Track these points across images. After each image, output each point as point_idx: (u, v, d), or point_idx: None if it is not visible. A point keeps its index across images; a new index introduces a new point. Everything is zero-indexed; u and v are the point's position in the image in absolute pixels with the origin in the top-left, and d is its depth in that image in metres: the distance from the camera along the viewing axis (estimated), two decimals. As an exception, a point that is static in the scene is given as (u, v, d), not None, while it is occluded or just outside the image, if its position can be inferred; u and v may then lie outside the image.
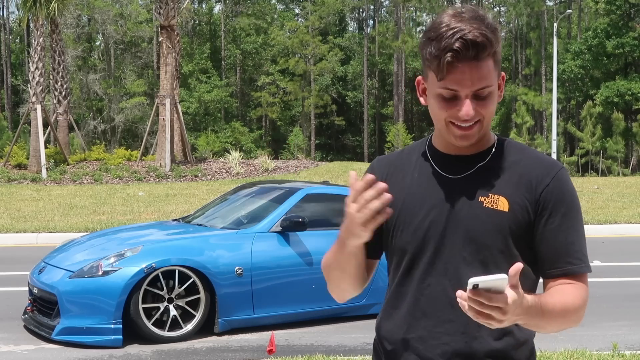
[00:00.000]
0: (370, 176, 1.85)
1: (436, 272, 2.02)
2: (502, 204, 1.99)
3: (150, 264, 6.87)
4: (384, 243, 2.13)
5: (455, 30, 1.88)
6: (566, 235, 2.00)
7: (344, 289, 2.14)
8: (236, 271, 7.18)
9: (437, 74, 1.92)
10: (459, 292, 1.75)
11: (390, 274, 2.14)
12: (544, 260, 2.02)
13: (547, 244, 2.00)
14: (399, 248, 2.08)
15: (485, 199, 1.99)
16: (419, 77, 2.05)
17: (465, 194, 2.01)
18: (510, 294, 1.72)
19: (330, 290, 2.19)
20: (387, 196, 1.84)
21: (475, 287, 1.69)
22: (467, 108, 1.93)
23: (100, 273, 6.87)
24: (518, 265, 1.71)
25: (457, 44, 1.87)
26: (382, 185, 1.84)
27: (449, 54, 1.88)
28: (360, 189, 1.83)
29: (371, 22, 65.90)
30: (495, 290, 1.70)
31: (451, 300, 1.96)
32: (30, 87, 27.02)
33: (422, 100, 2.06)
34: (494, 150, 2.06)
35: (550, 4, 59.34)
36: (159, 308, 6.98)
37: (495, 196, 1.99)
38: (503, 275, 1.70)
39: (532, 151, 2.09)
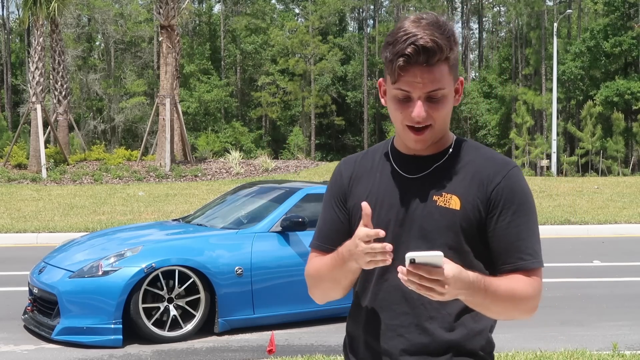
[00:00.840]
0: (381, 232, 1.94)
1: (393, 268, 2.08)
2: (455, 203, 2.07)
3: (150, 264, 6.87)
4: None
5: (410, 35, 1.99)
6: (517, 232, 2.07)
7: (330, 296, 2.25)
8: (236, 271, 7.18)
9: (391, 76, 2.04)
10: (400, 267, 1.85)
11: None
12: (496, 256, 2.09)
13: (498, 241, 2.08)
14: None
15: (438, 198, 2.09)
16: (380, 80, 2.16)
17: (421, 193, 2.11)
18: (449, 268, 1.83)
19: (312, 294, 2.29)
20: (389, 250, 1.93)
21: (413, 261, 1.80)
22: (418, 109, 2.02)
23: (100, 273, 6.87)
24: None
25: (408, 49, 1.98)
26: (389, 246, 1.93)
27: (401, 59, 1.99)
28: (372, 234, 1.93)
29: (371, 22, 65.92)
30: (433, 265, 1.81)
31: (405, 294, 2.08)
32: (30, 87, 27.02)
33: (382, 101, 2.16)
34: (451, 150, 2.15)
35: (550, 4, 59.33)
36: (159, 308, 6.98)
37: (448, 195, 2.08)
38: (439, 252, 1.81)
39: (487, 151, 2.17)
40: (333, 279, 2.16)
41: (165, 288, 6.98)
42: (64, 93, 29.83)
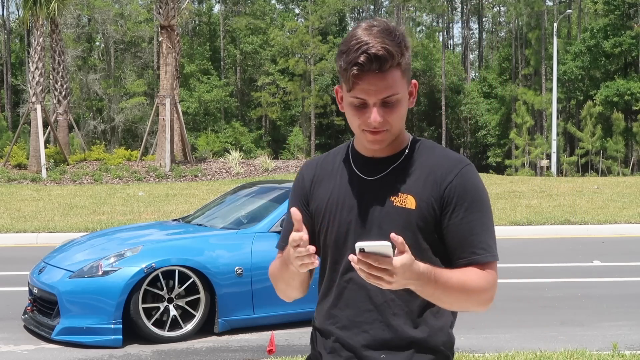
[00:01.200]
0: (304, 236, 2.00)
1: None
2: (410, 202, 2.15)
3: (150, 264, 6.87)
4: (315, 242, 2.27)
5: (362, 44, 2.05)
6: (470, 228, 2.14)
7: (290, 296, 2.35)
8: (236, 271, 7.18)
9: (347, 85, 2.11)
10: (351, 256, 1.91)
11: (321, 269, 2.32)
12: (451, 252, 2.17)
13: (452, 237, 2.16)
14: (325, 246, 2.27)
15: (395, 198, 2.16)
16: (337, 86, 2.23)
17: (379, 194, 2.19)
18: (398, 258, 1.89)
19: (278, 294, 2.38)
20: (313, 252, 2.01)
21: (362, 250, 1.86)
22: (374, 115, 2.09)
23: (100, 273, 6.87)
24: (398, 237, 1.89)
25: (361, 58, 2.04)
26: (312, 248, 2.01)
27: (354, 68, 2.05)
28: (297, 238, 2.01)
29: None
30: (382, 254, 1.87)
31: (369, 291, 2.17)
32: (30, 87, 27.02)
33: (340, 107, 2.23)
34: (407, 151, 2.23)
35: (550, 4, 59.33)
36: (159, 308, 6.97)
37: (404, 195, 2.16)
38: (387, 242, 1.87)
39: (441, 150, 2.25)
40: (282, 279, 2.26)
41: (165, 288, 6.98)
42: (64, 93, 29.83)
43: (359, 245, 1.87)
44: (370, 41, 2.04)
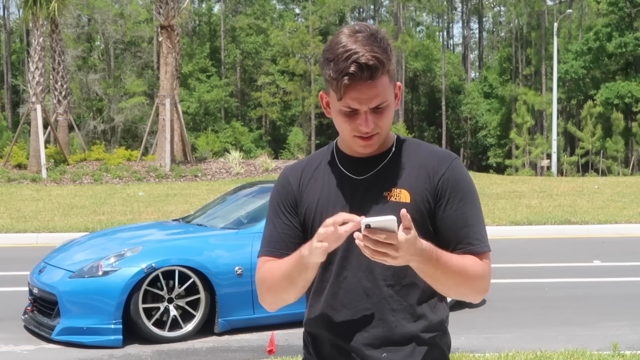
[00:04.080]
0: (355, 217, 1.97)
1: (350, 266, 2.19)
2: (404, 196, 2.17)
3: (150, 264, 6.87)
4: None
5: (350, 52, 2.05)
6: (465, 219, 2.18)
7: (285, 299, 2.26)
8: (236, 271, 7.17)
9: (337, 94, 2.10)
10: (356, 234, 1.91)
11: None
12: (446, 243, 2.17)
13: (447, 228, 2.18)
14: None
15: (388, 194, 2.18)
16: (322, 92, 2.23)
17: (371, 192, 2.20)
18: (403, 233, 1.90)
19: (263, 300, 2.29)
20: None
21: (368, 226, 1.88)
22: (366, 122, 2.11)
23: (100, 273, 6.86)
24: (404, 211, 1.90)
25: (352, 68, 2.04)
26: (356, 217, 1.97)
27: (345, 78, 2.05)
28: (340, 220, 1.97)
29: (371, 22, 65.88)
30: (388, 229, 1.89)
31: (366, 290, 2.18)
32: (30, 87, 27.02)
33: (326, 112, 2.24)
34: (394, 149, 2.25)
35: (551, 3, 59.34)
36: (159, 308, 6.97)
37: (398, 190, 2.18)
38: (392, 217, 1.89)
39: (428, 146, 2.29)
40: (288, 279, 2.18)
41: (165, 288, 6.98)
42: (63, 93, 29.83)
43: (365, 221, 1.88)
44: (359, 50, 2.05)
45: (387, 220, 1.88)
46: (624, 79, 49.44)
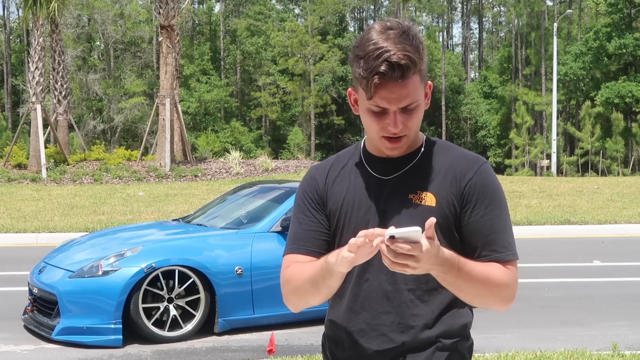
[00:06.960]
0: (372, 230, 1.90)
1: (373, 268, 2.15)
2: (430, 200, 2.13)
3: (150, 263, 6.87)
4: (330, 244, 2.22)
5: (381, 50, 1.99)
6: (491, 225, 2.13)
7: (308, 302, 2.22)
8: (236, 271, 7.17)
9: (366, 92, 2.05)
10: (382, 246, 1.85)
11: None
12: (471, 250, 2.14)
13: (472, 234, 2.14)
14: (340, 246, 2.14)
15: (414, 196, 2.14)
16: (350, 89, 2.19)
17: (397, 193, 2.16)
18: (425, 243, 1.85)
19: (288, 301, 2.26)
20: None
21: (392, 237, 1.84)
22: (395, 122, 2.07)
23: (100, 273, 6.86)
24: (432, 220, 1.85)
25: (383, 67, 1.99)
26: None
27: (376, 77, 2.00)
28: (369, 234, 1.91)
29: (371, 22, 65.84)
30: (412, 240, 1.85)
31: (387, 293, 2.15)
32: (30, 87, 27.01)
33: (354, 109, 2.19)
34: (422, 150, 2.21)
35: (551, 4, 59.33)
36: (159, 308, 6.97)
37: (423, 193, 2.14)
38: (417, 227, 1.85)
39: (457, 149, 2.24)
40: (314, 286, 2.13)
41: (165, 288, 6.98)
42: (63, 93, 29.83)
43: (389, 232, 1.84)
44: (391, 48, 1.99)
45: (411, 231, 1.84)
46: (624, 80, 49.40)
